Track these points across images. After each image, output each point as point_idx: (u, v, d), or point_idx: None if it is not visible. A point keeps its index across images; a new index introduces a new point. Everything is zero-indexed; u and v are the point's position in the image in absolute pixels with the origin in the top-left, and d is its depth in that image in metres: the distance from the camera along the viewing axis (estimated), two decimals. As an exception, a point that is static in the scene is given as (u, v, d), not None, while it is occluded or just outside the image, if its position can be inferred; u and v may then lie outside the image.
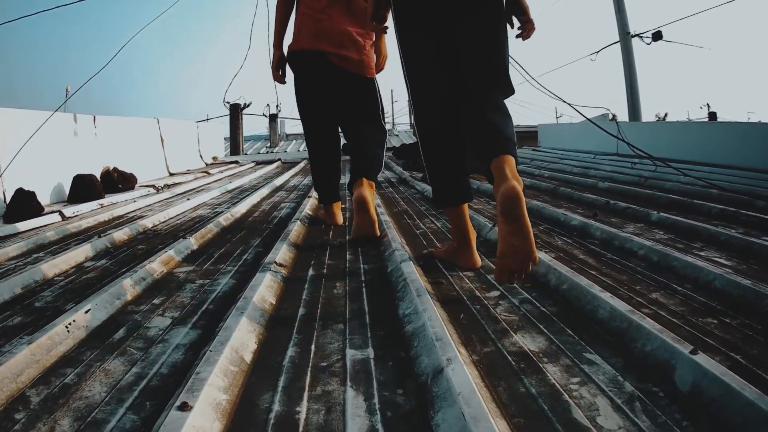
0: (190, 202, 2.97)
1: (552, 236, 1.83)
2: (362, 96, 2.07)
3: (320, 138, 2.13)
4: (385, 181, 4.02)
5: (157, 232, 2.22)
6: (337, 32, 1.97)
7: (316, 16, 1.97)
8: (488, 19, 1.37)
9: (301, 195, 3.23)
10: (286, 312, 1.13)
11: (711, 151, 4.86)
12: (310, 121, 2.14)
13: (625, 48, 9.89)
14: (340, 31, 1.97)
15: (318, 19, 1.97)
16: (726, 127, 5.40)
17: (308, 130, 2.16)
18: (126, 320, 1.17)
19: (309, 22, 1.98)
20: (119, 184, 4.04)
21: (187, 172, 5.69)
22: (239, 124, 9.25)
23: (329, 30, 1.97)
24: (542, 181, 3.50)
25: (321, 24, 1.96)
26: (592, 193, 2.88)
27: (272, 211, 2.62)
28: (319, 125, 2.13)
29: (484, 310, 1.11)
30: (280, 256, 1.49)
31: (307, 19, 1.99)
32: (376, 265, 1.46)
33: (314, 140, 2.15)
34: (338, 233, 1.97)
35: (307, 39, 1.98)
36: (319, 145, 2.14)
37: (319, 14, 1.97)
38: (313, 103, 2.10)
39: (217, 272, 1.51)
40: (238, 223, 2.28)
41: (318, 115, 2.11)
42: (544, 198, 2.77)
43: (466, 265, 1.43)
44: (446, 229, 1.99)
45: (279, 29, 2.11)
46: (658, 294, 1.22)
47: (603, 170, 4.39)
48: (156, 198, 3.39)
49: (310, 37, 1.97)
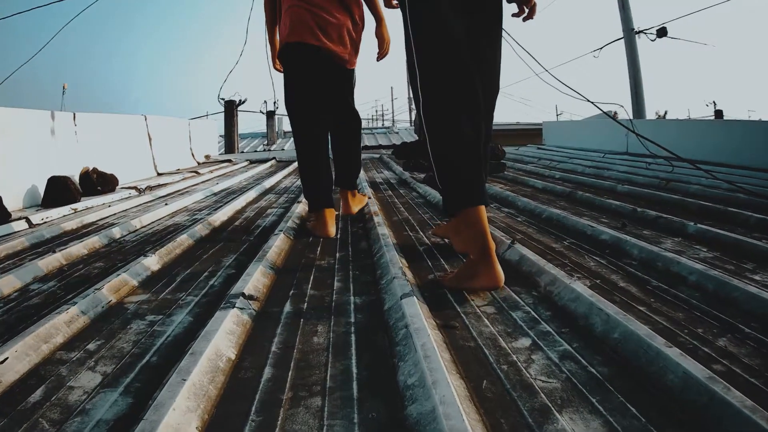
0: (169, 207, 2.69)
1: (581, 255, 1.55)
2: (347, 87, 2.05)
3: (311, 135, 1.98)
4: (384, 182, 3.73)
5: (123, 244, 1.94)
6: (331, 24, 1.92)
7: (307, 8, 1.91)
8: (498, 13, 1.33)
9: (290, 199, 2.94)
10: (247, 374, 0.85)
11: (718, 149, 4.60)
12: (301, 117, 1.99)
13: (629, 44, 9.64)
14: (333, 23, 1.93)
15: (311, 11, 1.91)
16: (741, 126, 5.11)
17: (298, 126, 2.00)
18: (49, 374, 0.90)
19: (300, 14, 1.92)
20: (99, 186, 3.75)
21: (176, 171, 5.41)
22: (234, 121, 8.94)
23: (322, 22, 1.91)
24: (556, 184, 3.20)
25: (313, 16, 1.90)
26: (613, 198, 2.59)
27: (256, 218, 2.33)
28: (310, 121, 1.99)
29: (513, 372, 0.83)
30: (252, 284, 1.21)
31: (297, 11, 1.92)
32: (370, 299, 1.17)
33: (304, 138, 1.99)
34: (327, 249, 1.68)
35: (299, 32, 1.91)
36: (309, 144, 1.99)
37: (311, 6, 1.91)
38: (304, 97, 1.98)
39: (173, 304, 1.22)
40: (215, 234, 2.00)
41: (309, 110, 1.99)
42: (562, 204, 2.48)
43: (489, 284, 1.16)
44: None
45: (270, 26, 2.12)
46: (727, 341, 0.94)
47: (617, 171, 4.10)
48: (134, 202, 3.11)
49: (301, 30, 1.91)
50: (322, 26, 1.91)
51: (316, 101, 1.98)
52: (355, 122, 2.13)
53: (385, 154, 6.77)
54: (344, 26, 1.95)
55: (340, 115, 2.09)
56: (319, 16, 1.91)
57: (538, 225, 1.99)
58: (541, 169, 4.20)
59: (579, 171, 4.11)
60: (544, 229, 1.91)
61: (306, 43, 1.89)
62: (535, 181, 3.21)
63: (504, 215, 2.18)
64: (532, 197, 2.66)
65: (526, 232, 1.85)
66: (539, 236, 1.79)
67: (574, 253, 1.56)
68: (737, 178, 3.22)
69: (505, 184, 3.31)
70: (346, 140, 2.12)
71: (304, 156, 1.98)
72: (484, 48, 1.33)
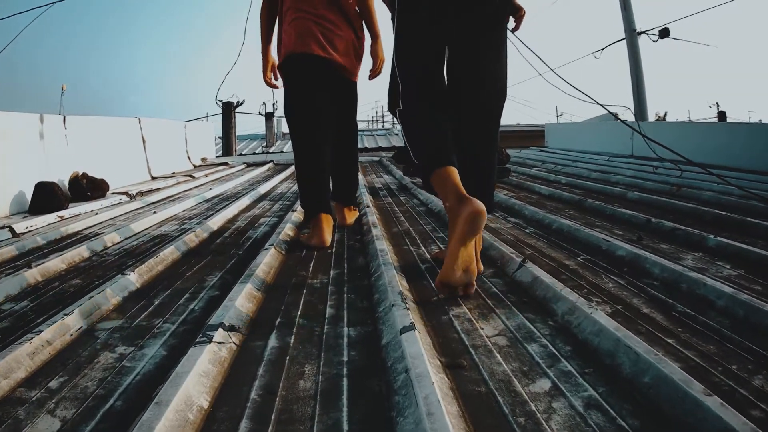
0: (157, 216, 2.56)
1: (598, 274, 1.42)
2: (350, 100, 2.05)
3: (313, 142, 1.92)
4: (384, 188, 3.60)
5: (105, 258, 1.82)
6: (338, 36, 1.91)
7: (314, 21, 1.89)
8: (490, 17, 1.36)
9: (285, 206, 2.81)
10: (221, 428, 0.72)
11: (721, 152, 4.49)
12: (303, 126, 1.94)
13: (631, 45, 9.54)
14: (340, 35, 1.92)
15: (318, 23, 1.89)
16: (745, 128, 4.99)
17: (299, 133, 1.94)
18: (6, 416, 0.79)
19: (307, 25, 1.89)
20: (88, 192, 3.62)
21: (171, 175, 5.29)
22: (232, 123, 8.83)
23: (330, 34, 1.90)
24: (562, 190, 3.08)
25: (321, 28, 1.89)
26: (624, 206, 2.47)
27: (247, 228, 2.20)
28: (312, 129, 1.93)
29: (532, 427, 0.70)
30: (235, 312, 1.08)
31: (304, 23, 1.90)
32: (365, 330, 1.04)
33: (305, 144, 1.93)
34: (320, 266, 1.55)
35: (306, 42, 1.88)
36: (311, 150, 1.93)
37: (314, 17, 1.89)
38: (308, 107, 1.94)
39: (147, 333, 1.10)
40: (202, 247, 1.87)
41: (312, 119, 1.94)
42: (571, 213, 2.35)
43: (474, 211, 1.19)
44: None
45: (264, 36, 2.06)
46: (763, 379, 0.83)
47: (624, 175, 3.98)
48: (124, 209, 2.99)
49: (309, 41, 1.88)
50: (330, 38, 1.90)
51: (320, 111, 1.93)
52: (354, 135, 2.11)
53: (384, 156, 6.65)
54: (350, 39, 1.95)
55: (341, 128, 2.04)
56: (326, 28, 1.89)
57: (548, 237, 1.86)
58: (546, 174, 4.08)
59: (585, 175, 3.99)
60: (555, 242, 1.79)
61: (313, 54, 1.87)
62: (541, 187, 3.09)
63: (511, 226, 2.06)
64: (540, 205, 2.53)
65: (536, 247, 1.73)
66: (550, 251, 1.66)
67: (590, 272, 1.44)
68: (748, 183, 3.10)
69: (510, 190, 3.19)
70: (345, 154, 2.07)
71: (303, 162, 1.92)
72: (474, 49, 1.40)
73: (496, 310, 1.14)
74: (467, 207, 1.18)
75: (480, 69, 1.42)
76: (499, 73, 1.43)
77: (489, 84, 1.42)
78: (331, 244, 1.78)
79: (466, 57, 1.41)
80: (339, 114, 2.00)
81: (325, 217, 1.81)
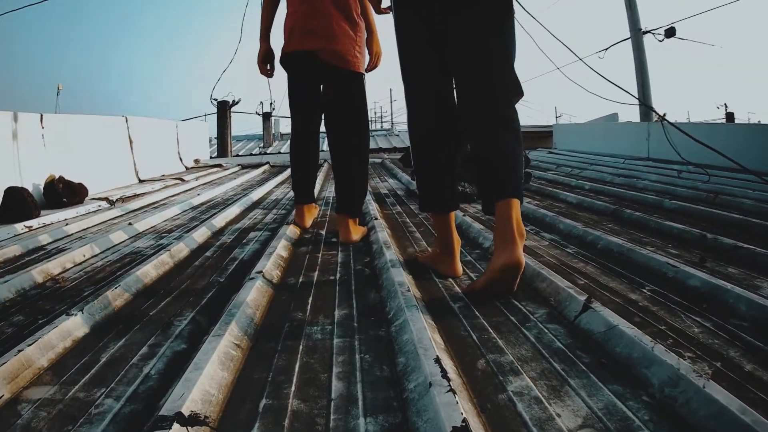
0: (134, 227, 2.23)
1: (676, 314, 1.10)
2: (352, 93, 1.96)
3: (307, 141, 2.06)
4: (391, 194, 3.27)
5: (60, 285, 1.49)
6: (327, 27, 1.88)
7: (304, 13, 1.90)
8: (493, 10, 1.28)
9: (280, 217, 2.48)
10: None
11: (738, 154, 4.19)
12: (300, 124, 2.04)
13: (637, 45, 9.30)
14: (329, 25, 1.88)
15: (307, 15, 1.89)
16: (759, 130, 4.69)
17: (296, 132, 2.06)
18: None
19: (298, 19, 1.92)
20: (64, 198, 3.28)
21: (160, 177, 4.95)
22: (227, 123, 8.49)
23: (319, 26, 1.88)
24: (588, 196, 2.76)
25: (310, 21, 1.89)
26: (666, 217, 2.16)
27: (234, 245, 1.87)
28: (308, 128, 2.04)
29: None
30: (201, 391, 0.75)
31: (295, 17, 1.93)
32: (391, 422, 0.71)
33: (300, 143, 2.07)
34: (322, 304, 1.22)
35: (298, 39, 1.91)
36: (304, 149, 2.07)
37: (307, 11, 1.89)
38: (305, 105, 2.01)
39: (82, 414, 0.77)
40: (175, 273, 1.54)
41: (309, 117, 2.03)
42: (611, 226, 2.03)
43: (449, 273, 1.39)
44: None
45: (265, 23, 2.07)
46: None
47: (649, 180, 3.67)
48: (99, 218, 2.66)
49: (300, 37, 1.91)
50: (325, 30, 1.88)
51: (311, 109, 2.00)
52: (359, 135, 1.96)
53: (387, 158, 6.32)
54: (346, 31, 1.90)
55: (344, 124, 1.96)
56: (322, 20, 1.88)
57: (597, 260, 1.54)
58: (565, 178, 3.76)
59: (607, 180, 3.67)
60: (608, 266, 1.47)
61: (304, 50, 1.90)
62: (567, 195, 2.77)
63: (548, 244, 1.73)
64: (572, 216, 2.22)
65: (588, 274, 1.41)
66: (607, 280, 1.34)
67: (666, 311, 1.12)
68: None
69: (532, 197, 2.86)
70: (348, 157, 1.94)
71: (292, 154, 2.10)
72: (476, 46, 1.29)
73: (569, 379, 0.82)
74: (450, 267, 1.39)
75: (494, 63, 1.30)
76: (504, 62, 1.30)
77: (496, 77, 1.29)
78: (332, 271, 1.46)
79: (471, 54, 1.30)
80: (340, 108, 1.96)
81: (306, 206, 2.09)
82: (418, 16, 1.33)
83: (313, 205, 2.14)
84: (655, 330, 1.03)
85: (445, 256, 1.39)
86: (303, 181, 2.09)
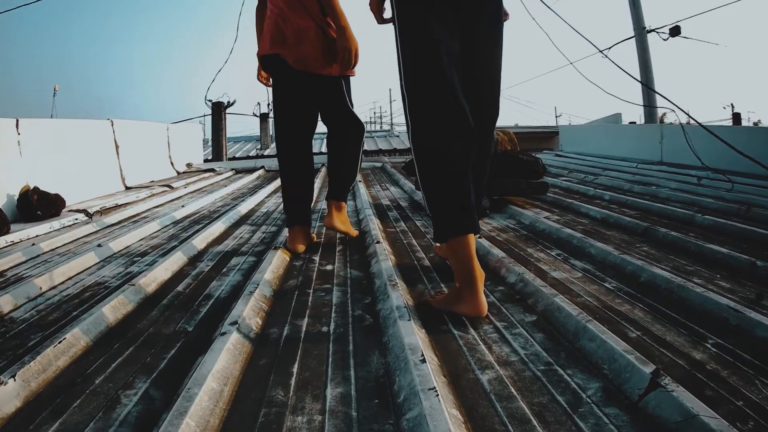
0: (102, 250, 1.97)
1: (750, 382, 0.84)
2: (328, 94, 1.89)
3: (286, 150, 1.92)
4: (393, 206, 3.01)
5: (4, 331, 1.24)
6: (293, 30, 1.80)
7: (272, 17, 1.84)
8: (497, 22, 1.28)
9: (269, 236, 2.21)
10: None
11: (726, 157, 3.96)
12: (278, 132, 1.93)
13: (641, 44, 9.08)
14: (295, 28, 1.80)
15: (274, 19, 1.83)
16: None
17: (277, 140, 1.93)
18: None
19: (267, 23, 1.87)
20: (39, 210, 3.03)
21: (149, 184, 4.68)
22: (222, 125, 8.21)
23: (284, 29, 1.81)
24: (611, 210, 2.50)
25: (276, 25, 1.82)
26: (703, 236, 1.91)
27: (211, 277, 1.59)
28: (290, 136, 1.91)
29: None
30: None
31: (267, 21, 1.88)
32: None
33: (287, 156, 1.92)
34: (310, 372, 0.96)
35: (266, 42, 1.85)
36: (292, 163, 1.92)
37: (274, 15, 1.83)
38: (284, 110, 1.91)
39: None
40: (137, 316, 1.27)
41: (289, 123, 1.91)
42: (646, 249, 1.77)
43: (472, 312, 1.14)
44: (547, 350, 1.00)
45: (258, 34, 2.02)
46: None
47: (669, 188, 3.41)
48: (70, 236, 2.40)
49: (268, 41, 1.84)
50: (293, 34, 1.80)
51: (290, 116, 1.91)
52: (353, 128, 1.94)
53: (387, 162, 6.05)
54: (315, 33, 1.80)
55: (333, 123, 1.96)
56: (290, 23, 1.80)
57: (644, 299, 1.28)
58: (580, 186, 3.50)
59: (626, 189, 3.41)
60: (659, 309, 1.21)
61: (270, 54, 1.84)
62: (588, 208, 2.50)
63: (582, 277, 1.46)
64: (600, 236, 1.96)
65: (637, 321, 1.14)
66: (663, 331, 1.08)
67: (738, 376, 0.87)
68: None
69: (551, 211, 2.60)
70: (338, 147, 1.96)
71: (282, 172, 1.95)
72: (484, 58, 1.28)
73: None
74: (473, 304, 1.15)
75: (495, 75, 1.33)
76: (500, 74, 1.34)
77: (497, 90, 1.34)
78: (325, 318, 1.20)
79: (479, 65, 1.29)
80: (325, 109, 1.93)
81: (300, 228, 1.86)
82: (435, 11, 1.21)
83: (308, 228, 1.93)
84: (732, 408, 0.78)
85: (466, 290, 1.15)
86: (295, 200, 1.90)
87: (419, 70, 1.20)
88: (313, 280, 1.48)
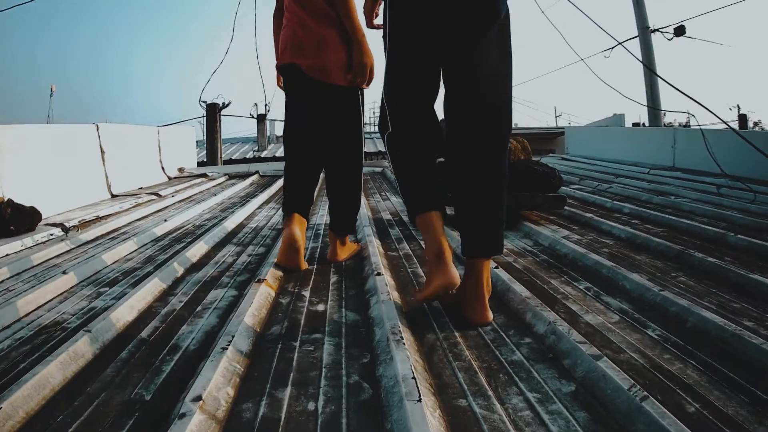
0: (66, 279, 1.74)
1: None
2: (340, 110, 1.83)
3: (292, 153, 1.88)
4: (394, 220, 2.78)
5: None
6: (313, 38, 1.76)
7: (289, 25, 1.81)
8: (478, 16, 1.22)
9: (255, 260, 1.97)
10: None
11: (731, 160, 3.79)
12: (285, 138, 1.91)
13: (645, 44, 8.91)
14: (316, 36, 1.76)
15: (291, 27, 1.80)
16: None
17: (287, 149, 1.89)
18: None
19: (284, 31, 1.84)
20: (12, 225, 2.80)
21: (136, 192, 4.46)
22: (217, 127, 7.99)
23: (302, 37, 1.77)
24: (634, 226, 2.28)
25: (294, 32, 1.79)
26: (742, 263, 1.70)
27: (183, 318, 1.35)
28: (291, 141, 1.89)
29: None
30: None
31: (283, 30, 1.85)
32: None
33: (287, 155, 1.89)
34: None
35: (284, 52, 1.83)
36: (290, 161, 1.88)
37: (292, 23, 1.80)
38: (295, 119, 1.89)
39: None
40: (90, 374, 1.05)
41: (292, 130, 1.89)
42: (682, 280, 1.55)
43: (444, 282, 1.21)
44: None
45: (275, 42, 1.98)
46: None
47: (688, 198, 3.20)
48: (39, 257, 2.18)
49: (285, 50, 1.82)
50: (311, 43, 1.76)
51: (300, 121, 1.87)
52: (352, 152, 1.86)
53: (387, 167, 5.82)
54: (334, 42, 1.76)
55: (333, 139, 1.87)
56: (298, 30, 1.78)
57: (695, 353, 1.06)
58: (595, 197, 3.27)
59: (644, 199, 3.19)
60: (714, 368, 0.98)
61: (285, 64, 1.82)
62: (611, 225, 2.28)
63: (620, 321, 1.23)
64: (629, 261, 1.74)
65: (692, 387, 0.92)
66: (725, 402, 0.86)
67: None
68: None
69: (570, 228, 2.37)
70: (340, 176, 1.89)
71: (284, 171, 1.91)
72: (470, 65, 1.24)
73: None
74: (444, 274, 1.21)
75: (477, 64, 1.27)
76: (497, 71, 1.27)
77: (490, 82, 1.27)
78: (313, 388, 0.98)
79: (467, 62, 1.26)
80: (331, 123, 1.84)
81: (297, 216, 1.78)
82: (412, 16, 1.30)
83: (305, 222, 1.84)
84: None
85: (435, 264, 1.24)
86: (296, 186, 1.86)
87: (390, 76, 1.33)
88: (300, 326, 1.25)
